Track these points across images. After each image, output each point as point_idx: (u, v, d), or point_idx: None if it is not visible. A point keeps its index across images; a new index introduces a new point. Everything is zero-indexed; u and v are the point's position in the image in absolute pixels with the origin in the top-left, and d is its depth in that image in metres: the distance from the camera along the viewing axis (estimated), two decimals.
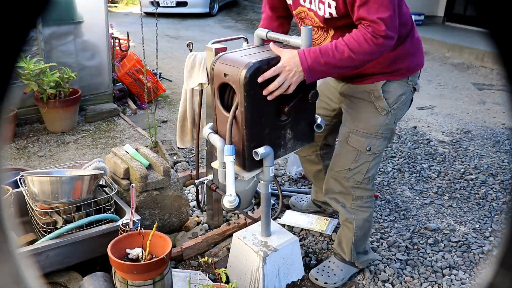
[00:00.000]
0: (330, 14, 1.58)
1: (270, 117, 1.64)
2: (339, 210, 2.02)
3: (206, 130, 1.75)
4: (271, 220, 2.05)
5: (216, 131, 1.74)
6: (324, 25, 1.65)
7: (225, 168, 1.60)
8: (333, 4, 1.54)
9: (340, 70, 1.55)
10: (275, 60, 1.57)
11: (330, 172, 1.97)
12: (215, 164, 1.71)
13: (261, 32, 1.75)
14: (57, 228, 1.90)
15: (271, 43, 1.67)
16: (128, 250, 1.77)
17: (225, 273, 1.80)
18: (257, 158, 1.62)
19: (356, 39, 1.47)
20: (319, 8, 1.60)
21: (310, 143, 1.90)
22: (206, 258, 1.88)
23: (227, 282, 1.86)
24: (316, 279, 2.07)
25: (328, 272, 2.09)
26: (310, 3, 1.62)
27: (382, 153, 1.89)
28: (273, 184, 2.77)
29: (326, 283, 2.05)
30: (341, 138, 1.89)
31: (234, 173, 1.63)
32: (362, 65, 1.55)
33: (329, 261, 2.15)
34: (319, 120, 1.84)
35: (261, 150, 1.60)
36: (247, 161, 1.63)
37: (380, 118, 1.78)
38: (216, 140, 1.66)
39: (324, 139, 2.24)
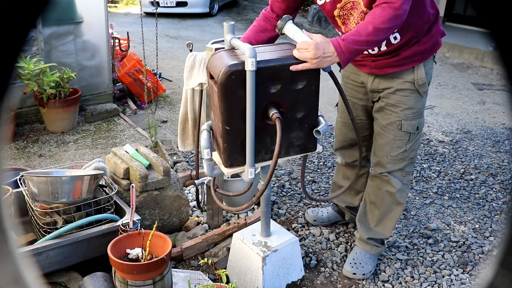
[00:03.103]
0: None
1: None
2: (393, 185, 2.06)
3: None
4: (271, 220, 2.05)
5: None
6: (367, 8, 1.67)
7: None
8: None
9: (370, 45, 1.60)
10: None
11: (384, 158, 2.03)
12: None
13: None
14: (57, 228, 1.90)
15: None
16: (128, 250, 1.77)
17: (226, 274, 1.80)
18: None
19: (374, 12, 1.56)
20: None
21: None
22: (206, 259, 1.87)
23: (227, 282, 1.86)
24: (354, 274, 2.14)
25: (361, 264, 2.16)
26: None
27: None
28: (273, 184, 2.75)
29: (363, 274, 2.14)
30: (391, 127, 1.96)
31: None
32: (389, 33, 1.60)
33: (360, 253, 2.21)
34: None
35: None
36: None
37: (423, 100, 1.94)
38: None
39: (369, 137, 2.20)
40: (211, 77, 1.61)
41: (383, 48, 1.82)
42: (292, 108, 1.61)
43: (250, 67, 1.44)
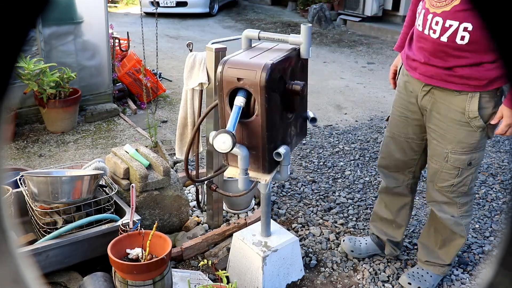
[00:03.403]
0: None
1: (282, 116, 1.65)
2: (443, 219, 1.94)
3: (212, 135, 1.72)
4: (271, 220, 2.05)
5: None
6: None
7: (247, 175, 1.59)
8: None
9: None
10: (287, 59, 1.59)
11: (432, 184, 1.90)
12: (230, 173, 1.69)
13: (252, 33, 1.71)
14: (57, 228, 1.90)
15: None
16: (128, 250, 1.77)
17: (226, 276, 1.80)
18: (279, 159, 1.61)
19: None
20: None
21: (304, 137, 1.96)
22: (205, 261, 1.86)
23: (227, 283, 1.86)
24: (409, 284, 2.06)
25: (419, 278, 2.07)
26: None
27: (481, 161, 1.86)
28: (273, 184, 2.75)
29: (419, 287, 2.05)
30: (438, 158, 1.81)
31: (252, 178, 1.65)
32: None
33: (421, 269, 2.11)
34: (311, 114, 1.88)
35: (282, 150, 1.60)
36: (267, 164, 1.60)
37: (477, 135, 1.71)
38: (238, 149, 1.55)
39: (418, 164, 2.03)
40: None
41: (443, 38, 1.59)
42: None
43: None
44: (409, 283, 2.05)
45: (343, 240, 2.32)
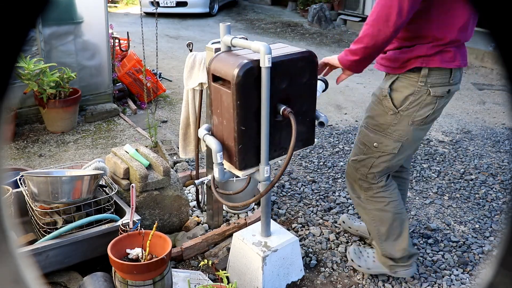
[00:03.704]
0: None
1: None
2: (352, 198, 2.08)
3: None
4: (271, 220, 2.05)
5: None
6: None
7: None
8: None
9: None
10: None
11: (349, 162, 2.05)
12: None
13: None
14: (57, 228, 1.90)
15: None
16: (128, 250, 1.77)
17: (226, 276, 1.80)
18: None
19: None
20: None
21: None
22: (205, 261, 1.86)
23: (227, 283, 1.86)
24: (352, 260, 2.15)
25: (362, 256, 2.15)
26: None
27: (393, 155, 1.84)
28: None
29: (359, 266, 2.13)
30: (359, 129, 1.96)
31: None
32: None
33: (371, 249, 2.18)
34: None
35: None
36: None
37: (388, 118, 1.79)
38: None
39: None
40: (217, 79, 1.59)
41: None
42: (297, 103, 1.64)
43: (266, 63, 1.44)
44: (351, 257, 2.15)
45: (342, 217, 2.52)
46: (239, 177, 1.73)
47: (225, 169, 1.67)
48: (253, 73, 1.48)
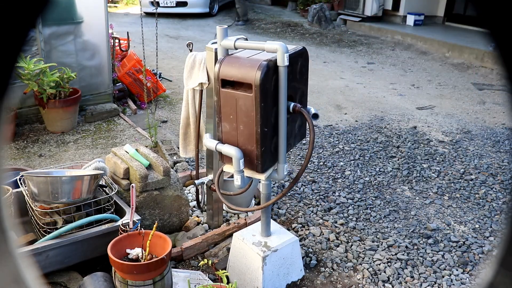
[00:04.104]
0: None
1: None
2: None
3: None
4: (271, 220, 2.05)
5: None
6: None
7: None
8: None
9: None
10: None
11: None
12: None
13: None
14: (57, 228, 1.90)
15: None
16: (128, 250, 1.77)
17: (226, 275, 1.80)
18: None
19: None
20: None
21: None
22: (205, 260, 1.87)
23: (228, 283, 1.86)
24: None
25: None
26: None
27: None
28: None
29: None
30: None
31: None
32: None
33: None
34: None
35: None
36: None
37: None
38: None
39: None
40: (227, 84, 1.56)
41: None
42: (298, 98, 1.69)
43: (285, 62, 1.46)
44: None
45: None
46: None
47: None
48: (271, 73, 1.51)
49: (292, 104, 1.61)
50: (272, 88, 1.52)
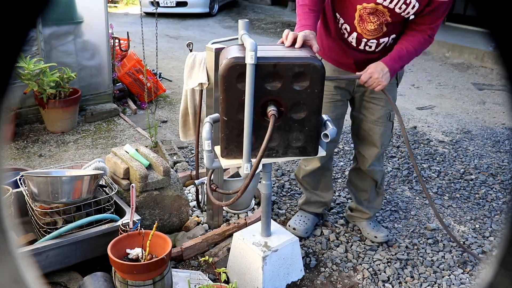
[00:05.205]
0: (408, 14, 1.83)
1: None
2: (378, 177, 2.35)
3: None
4: (271, 220, 2.05)
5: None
6: (391, 21, 1.86)
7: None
8: (416, 6, 1.79)
9: (407, 63, 2.02)
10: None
11: (379, 149, 2.23)
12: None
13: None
14: (57, 228, 1.90)
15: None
16: (128, 250, 1.77)
17: (225, 272, 1.80)
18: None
19: (419, 42, 1.92)
20: (400, 8, 1.80)
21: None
22: (206, 257, 1.88)
23: (227, 282, 1.86)
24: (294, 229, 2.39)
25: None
26: (391, 2, 1.78)
27: None
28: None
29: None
30: (383, 119, 2.16)
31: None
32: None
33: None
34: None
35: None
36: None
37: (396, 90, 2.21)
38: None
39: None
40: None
41: (377, 50, 2.00)
42: (292, 108, 1.60)
43: (249, 60, 1.48)
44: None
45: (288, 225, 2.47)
46: (240, 176, 1.73)
47: (216, 157, 1.74)
48: (241, 67, 1.51)
49: (271, 108, 1.56)
50: (239, 82, 1.55)
